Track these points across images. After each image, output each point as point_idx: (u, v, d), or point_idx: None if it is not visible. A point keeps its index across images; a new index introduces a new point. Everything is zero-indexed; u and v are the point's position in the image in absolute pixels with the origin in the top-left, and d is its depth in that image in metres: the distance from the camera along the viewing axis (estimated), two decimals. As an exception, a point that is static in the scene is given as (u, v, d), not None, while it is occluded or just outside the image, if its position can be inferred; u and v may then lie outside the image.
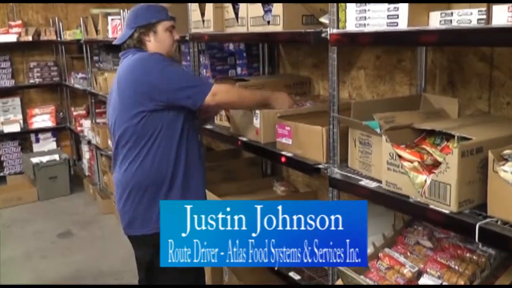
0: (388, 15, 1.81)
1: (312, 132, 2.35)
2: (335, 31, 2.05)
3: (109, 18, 4.96)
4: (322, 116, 2.42)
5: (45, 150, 6.96)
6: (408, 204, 1.75)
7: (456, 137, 1.71)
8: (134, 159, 2.45)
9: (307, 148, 2.40)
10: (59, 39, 6.91)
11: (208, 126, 3.24)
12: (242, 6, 2.80)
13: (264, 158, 3.68)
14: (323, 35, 2.14)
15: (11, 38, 6.73)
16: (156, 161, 2.44)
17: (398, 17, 1.77)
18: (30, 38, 6.82)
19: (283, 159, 2.50)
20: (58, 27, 6.91)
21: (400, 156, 1.78)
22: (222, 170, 3.71)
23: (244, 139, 2.85)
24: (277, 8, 2.49)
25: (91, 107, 6.09)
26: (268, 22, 2.58)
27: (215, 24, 3.04)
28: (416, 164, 1.73)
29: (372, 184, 1.96)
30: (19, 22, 6.95)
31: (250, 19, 2.72)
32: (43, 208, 6.03)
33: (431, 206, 1.68)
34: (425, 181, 1.69)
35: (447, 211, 1.63)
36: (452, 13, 1.67)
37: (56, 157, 6.51)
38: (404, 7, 1.75)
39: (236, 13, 2.85)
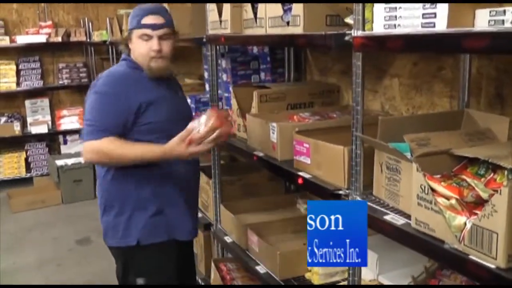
0: (423, 14, 1.47)
1: (333, 151, 2.02)
2: (359, 33, 1.71)
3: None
4: (348, 131, 2.08)
5: (72, 152, 6.82)
6: (442, 251, 1.40)
7: (506, 171, 1.35)
8: (102, 173, 2.40)
9: (327, 169, 2.07)
10: (88, 40, 6.79)
11: (226, 137, 2.95)
12: (261, 5, 2.49)
13: (281, 177, 3.36)
14: (346, 38, 1.81)
15: (41, 38, 6.66)
16: (119, 179, 2.34)
17: (435, 16, 1.43)
18: (59, 39, 6.74)
19: (300, 180, 2.18)
20: (88, 28, 6.79)
21: (433, 190, 1.43)
22: (241, 184, 3.41)
23: (261, 154, 2.55)
24: (297, 7, 2.17)
25: (115, 110, 5.89)
26: (288, 23, 2.26)
27: (232, 25, 2.74)
28: (453, 201, 1.37)
29: (400, 221, 1.61)
30: (49, 22, 6.89)
31: (269, 20, 2.41)
32: (66, 212, 5.89)
33: (472, 257, 1.32)
34: (465, 224, 1.34)
35: (492, 266, 1.27)
36: (504, 12, 1.31)
37: (81, 160, 6.34)
38: (443, 4, 1.40)
39: (255, 13, 2.54)
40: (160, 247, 2.37)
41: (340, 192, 1.97)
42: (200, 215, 3.50)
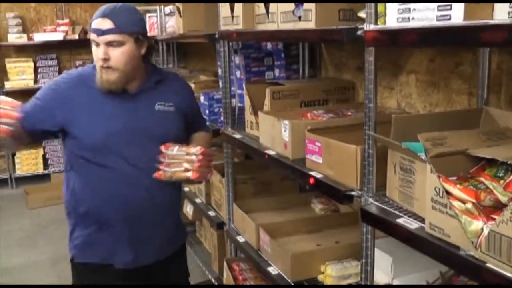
0: (438, 7, 1.39)
1: (345, 151, 1.94)
2: (371, 27, 1.63)
3: (147, 15, 4.72)
4: (362, 129, 2.00)
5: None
6: (458, 258, 1.32)
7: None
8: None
9: (339, 169, 2.00)
10: (105, 36, 6.78)
11: (238, 136, 2.89)
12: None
13: (293, 177, 3.28)
14: (359, 32, 1.73)
15: (58, 36, 6.69)
16: (67, 190, 2.19)
17: (451, 8, 1.34)
18: (76, 37, 6.77)
19: (311, 180, 2.11)
20: (105, 26, 6.78)
21: (448, 193, 1.35)
22: (254, 183, 3.34)
23: (272, 152, 2.48)
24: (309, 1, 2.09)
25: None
26: (300, 17, 2.18)
27: (244, 20, 2.67)
28: (469, 205, 1.29)
29: (413, 224, 1.53)
30: (66, 20, 6.93)
31: (281, 15, 2.33)
32: (82, 210, 5.88)
33: (489, 265, 1.24)
34: (482, 230, 1.26)
35: (511, 275, 1.19)
36: (525, 3, 1.23)
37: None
38: (459, -4, 1.32)
39: (267, 8, 2.47)
40: (94, 269, 2.18)
41: (353, 193, 1.89)
42: (213, 213, 3.46)
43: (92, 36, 2.02)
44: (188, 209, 4.11)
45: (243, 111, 3.04)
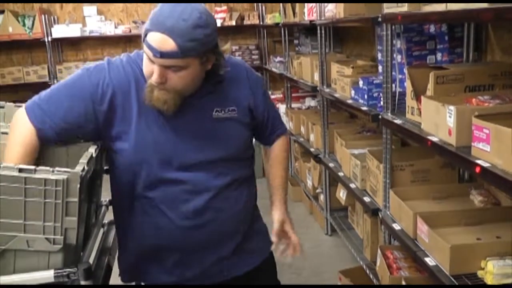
0: None
1: (518, 139, 1.82)
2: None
3: (307, -2, 4.76)
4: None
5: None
6: None
7: None
8: None
9: (510, 158, 1.88)
10: (261, 23, 7.00)
11: (398, 121, 2.83)
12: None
13: (456, 165, 3.13)
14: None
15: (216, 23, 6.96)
16: None
17: None
18: (233, 23, 7.04)
19: (477, 169, 2.00)
20: (261, 11, 6.99)
21: None
22: (412, 170, 3.25)
23: (435, 139, 2.39)
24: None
25: (286, 92, 6.01)
26: (471, -4, 2.07)
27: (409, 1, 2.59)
28: None
29: None
30: (224, 7, 7.21)
31: (449, -6, 2.23)
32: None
33: None
34: None
35: None
36: None
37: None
38: None
39: (435, -12, 2.38)
40: None
41: (525, 185, 1.77)
42: (368, 199, 3.44)
43: (146, 50, 1.61)
44: (341, 194, 4.12)
45: (403, 96, 2.97)
